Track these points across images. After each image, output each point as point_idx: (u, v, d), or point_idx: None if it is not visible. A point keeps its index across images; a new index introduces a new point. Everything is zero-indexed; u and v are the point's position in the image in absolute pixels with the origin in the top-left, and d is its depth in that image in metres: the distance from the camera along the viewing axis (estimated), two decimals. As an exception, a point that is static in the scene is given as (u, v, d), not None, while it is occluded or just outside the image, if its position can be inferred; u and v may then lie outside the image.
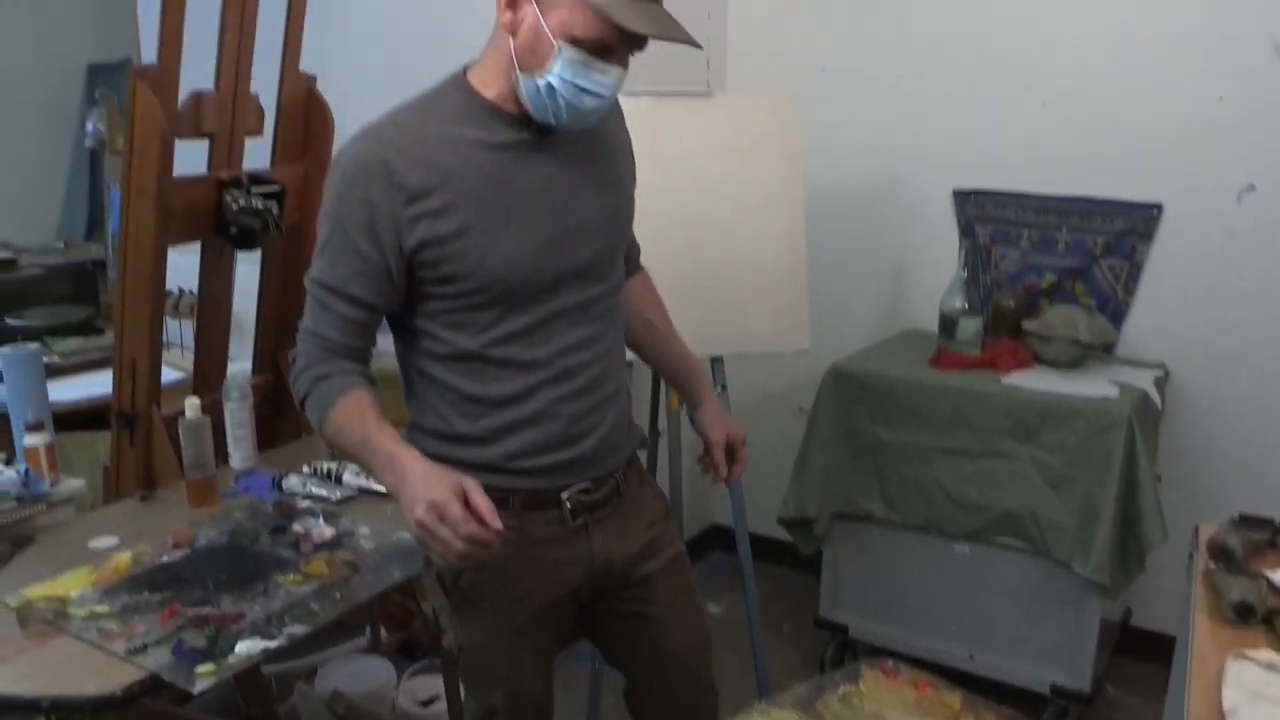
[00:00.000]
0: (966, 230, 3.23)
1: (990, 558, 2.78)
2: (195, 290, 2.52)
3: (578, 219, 1.56)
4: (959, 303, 2.93)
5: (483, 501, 1.35)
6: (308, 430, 2.54)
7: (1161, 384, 2.92)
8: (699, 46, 1.43)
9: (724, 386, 2.64)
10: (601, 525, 1.67)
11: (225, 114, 2.31)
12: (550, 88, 1.43)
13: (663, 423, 2.72)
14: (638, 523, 1.73)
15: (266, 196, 2.32)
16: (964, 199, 3.24)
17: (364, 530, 1.96)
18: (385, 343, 3.02)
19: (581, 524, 1.64)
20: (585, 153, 1.59)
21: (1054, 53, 3.06)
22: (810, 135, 2.88)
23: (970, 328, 2.93)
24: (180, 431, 2.07)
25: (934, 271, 3.19)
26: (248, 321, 2.68)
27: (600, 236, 1.59)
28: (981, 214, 3.22)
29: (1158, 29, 2.93)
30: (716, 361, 2.63)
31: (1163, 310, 3.05)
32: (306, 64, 2.53)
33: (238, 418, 2.25)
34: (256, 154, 2.49)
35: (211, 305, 2.48)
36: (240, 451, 2.26)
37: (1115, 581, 2.60)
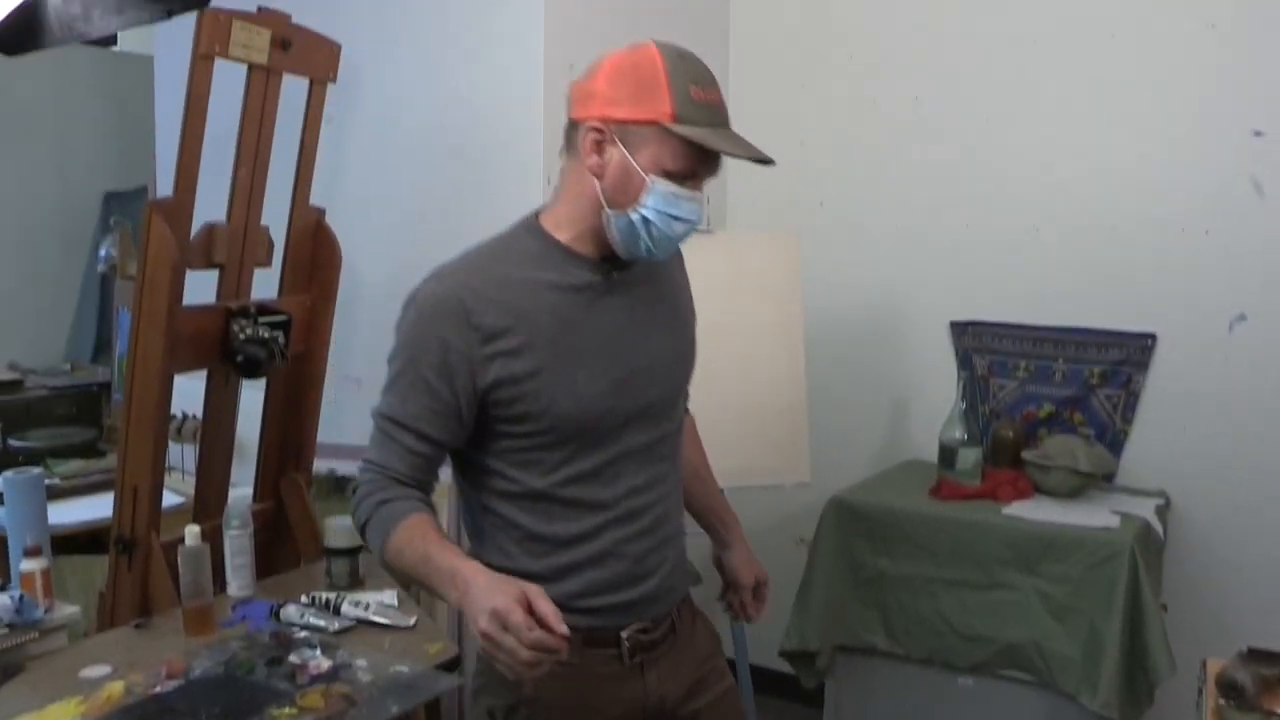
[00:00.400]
0: (964, 361, 3.27)
1: (995, 691, 2.74)
2: (199, 415, 2.54)
3: (646, 360, 1.59)
4: (958, 433, 2.95)
5: (547, 607, 1.32)
6: (307, 559, 2.54)
7: (1163, 513, 2.92)
8: (772, 162, 1.49)
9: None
10: (656, 664, 1.66)
11: (236, 245, 2.37)
12: (645, 220, 1.48)
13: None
14: (690, 660, 1.72)
15: (273, 326, 2.36)
16: (961, 330, 3.28)
17: (361, 663, 1.94)
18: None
19: (638, 663, 1.63)
20: (652, 295, 1.64)
21: (1047, 188, 3.14)
22: (810, 268, 2.96)
23: (970, 458, 2.94)
24: (179, 558, 2.07)
25: (933, 402, 3.22)
26: (250, 447, 2.69)
27: (666, 378, 1.63)
28: (979, 345, 3.26)
29: (1145, 166, 3.02)
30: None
31: (1161, 439, 3.06)
32: (316, 197, 2.60)
33: (237, 545, 2.24)
34: (264, 282, 2.54)
35: (215, 432, 2.49)
36: (239, 580, 2.25)
37: (1124, 716, 2.55)
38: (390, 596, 2.22)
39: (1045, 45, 3.13)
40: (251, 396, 2.63)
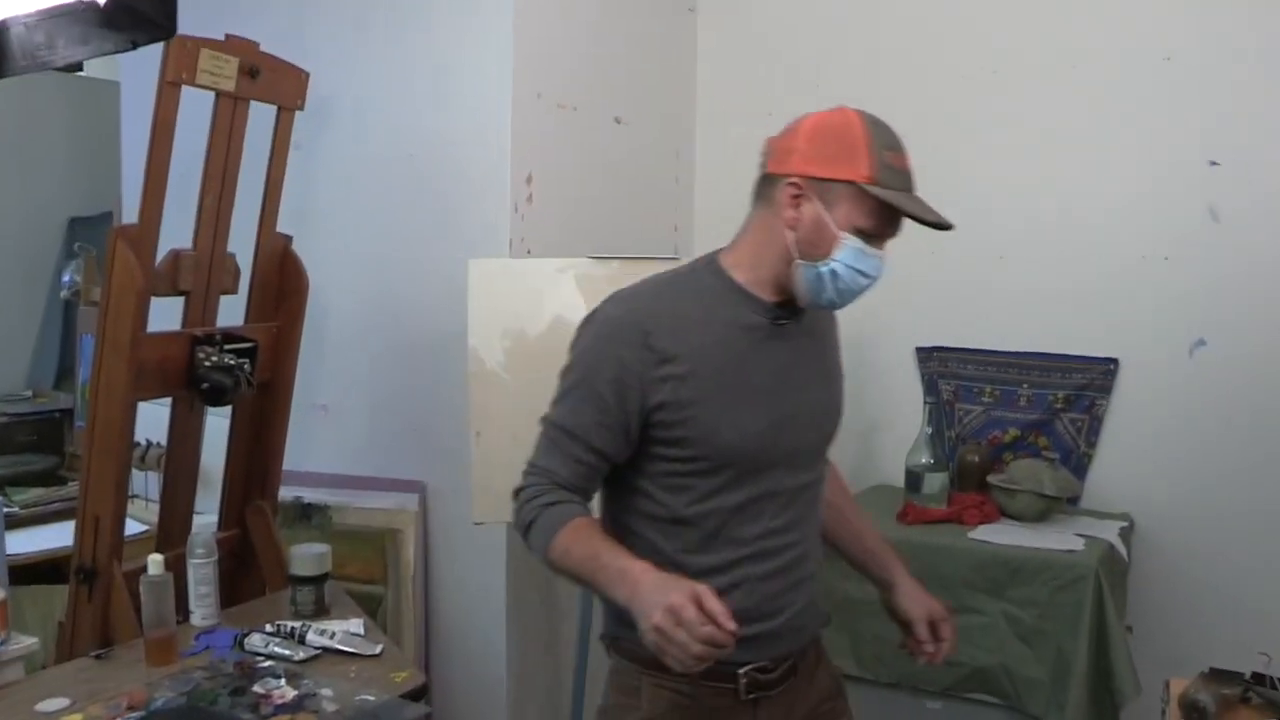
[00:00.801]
0: (930, 386, 3.29)
1: (964, 714, 2.74)
2: (163, 443, 2.52)
3: (802, 406, 1.67)
4: (924, 458, 2.97)
5: (717, 605, 1.36)
6: (272, 587, 2.51)
7: (1127, 535, 2.94)
8: (950, 227, 1.59)
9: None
10: (771, 701, 1.68)
11: (202, 272, 2.36)
12: (834, 273, 1.57)
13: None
14: (806, 702, 1.74)
15: (239, 353, 2.35)
16: (927, 356, 3.31)
17: (327, 691, 1.92)
18: (367, 500, 3.01)
19: (753, 699, 1.66)
20: (811, 347, 1.73)
21: (1011, 215, 3.18)
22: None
23: (936, 482, 2.96)
24: (141, 588, 2.04)
25: (899, 427, 3.24)
26: (215, 475, 2.67)
27: (817, 426, 1.71)
28: (944, 370, 3.29)
29: (1106, 194, 3.07)
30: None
31: (1124, 462, 3.10)
32: (284, 224, 2.60)
33: (201, 574, 2.22)
34: (231, 309, 2.53)
35: (179, 459, 2.47)
36: (202, 609, 2.22)
37: (1092, 739, 2.57)
38: (356, 625, 2.20)
39: (1007, 76, 3.18)
40: (217, 424, 2.61)
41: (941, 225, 1.58)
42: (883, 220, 1.56)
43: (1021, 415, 3.18)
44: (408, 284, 3.00)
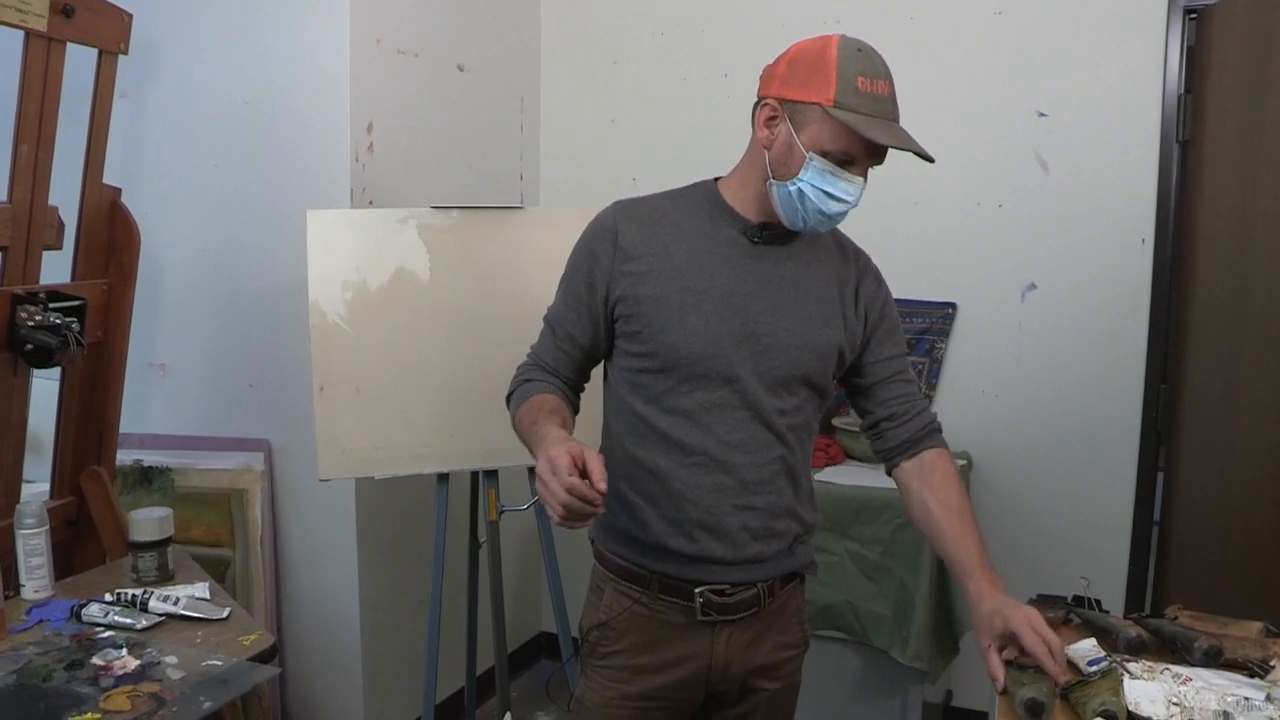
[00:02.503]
0: (778, 331, 3.36)
1: (813, 650, 2.77)
2: (-14, 409, 2.38)
3: (768, 329, 1.66)
4: (773, 402, 3.03)
5: (595, 465, 1.42)
6: (112, 555, 2.42)
7: (965, 473, 3.08)
8: (931, 160, 1.60)
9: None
10: (731, 627, 1.72)
11: (20, 226, 2.22)
12: (800, 192, 1.60)
13: (483, 532, 2.70)
14: (771, 642, 1.78)
15: (67, 312, 2.23)
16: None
17: (171, 659, 1.86)
18: (210, 460, 2.91)
19: (710, 621, 1.70)
20: (798, 277, 1.71)
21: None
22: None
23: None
24: (-35, 562, 1.94)
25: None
26: (46, 441, 2.54)
27: (786, 356, 1.67)
28: (792, 316, 3.35)
29: (943, 144, 3.14)
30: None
31: (963, 402, 3.24)
32: (112, 175, 2.47)
33: (31, 545, 2.11)
34: (57, 266, 2.40)
35: (2, 426, 2.34)
36: (35, 581, 2.12)
37: (933, 667, 2.69)
38: (202, 589, 2.14)
39: (848, 27, 3.20)
40: (46, 386, 2.48)
41: (917, 154, 1.59)
42: (850, 144, 1.57)
43: (865, 359, 3.28)
44: (246, 236, 2.90)
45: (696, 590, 1.69)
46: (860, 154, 1.59)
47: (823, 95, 1.55)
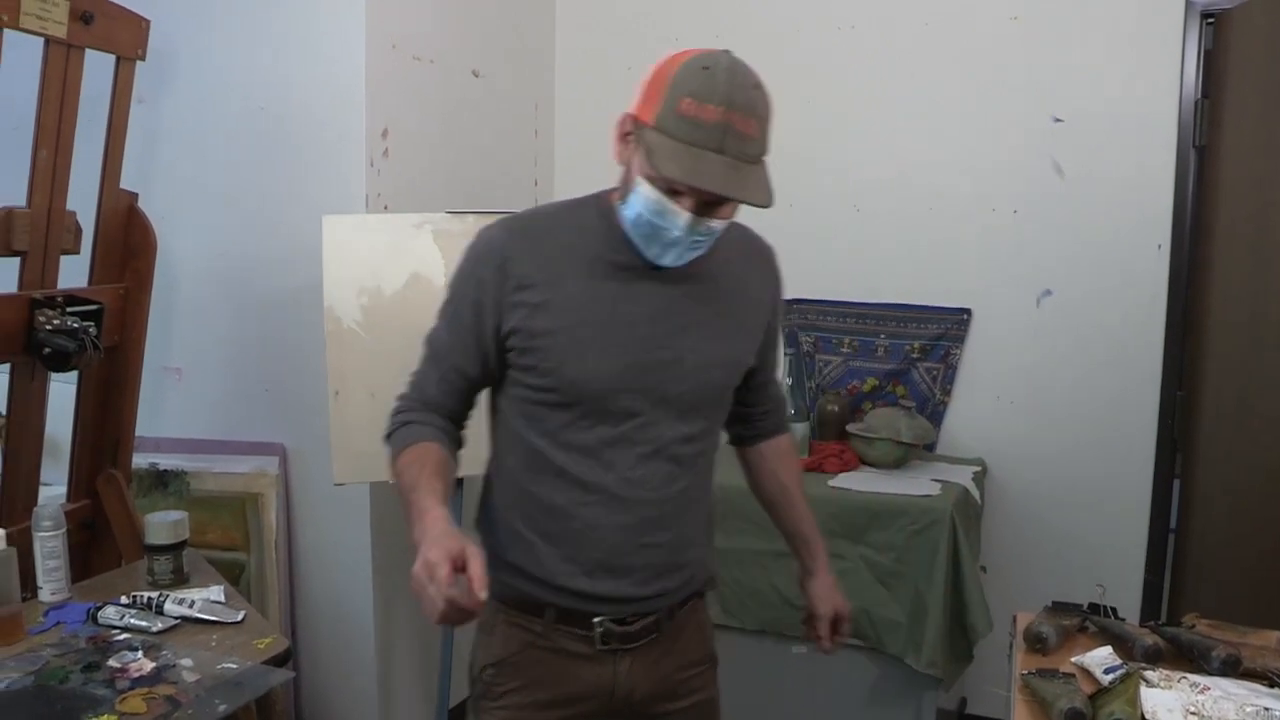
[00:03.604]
0: (790, 339, 3.36)
1: (827, 657, 2.80)
2: (3, 412, 2.40)
3: (673, 355, 1.56)
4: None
5: (476, 571, 1.33)
6: (128, 558, 2.43)
7: (980, 479, 3.07)
8: (762, 205, 1.41)
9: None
10: (632, 654, 1.63)
11: (39, 231, 2.24)
12: (630, 220, 1.49)
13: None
14: (672, 661, 1.69)
15: (84, 316, 2.24)
16: (786, 308, 3.37)
17: (186, 661, 1.87)
18: (225, 464, 2.92)
19: (610, 649, 1.62)
20: (704, 295, 1.59)
21: (867, 169, 3.26)
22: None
23: (797, 432, 3.02)
24: (-18, 564, 1.95)
25: (762, 378, 3.29)
26: (63, 444, 2.55)
27: (696, 379, 1.58)
28: (804, 322, 3.35)
29: (958, 149, 3.17)
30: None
31: (977, 408, 3.23)
32: (129, 181, 2.48)
33: (49, 548, 2.12)
34: (75, 270, 2.41)
35: (21, 429, 2.35)
36: (52, 584, 2.13)
37: (948, 674, 2.68)
38: (217, 592, 2.15)
39: (864, 32, 3.24)
40: (63, 390, 2.49)
41: (732, 197, 1.41)
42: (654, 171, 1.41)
43: (879, 365, 3.28)
44: (261, 242, 2.91)
45: (596, 620, 1.59)
46: (681, 186, 1.40)
47: (650, 115, 1.41)
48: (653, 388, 1.55)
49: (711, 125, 1.37)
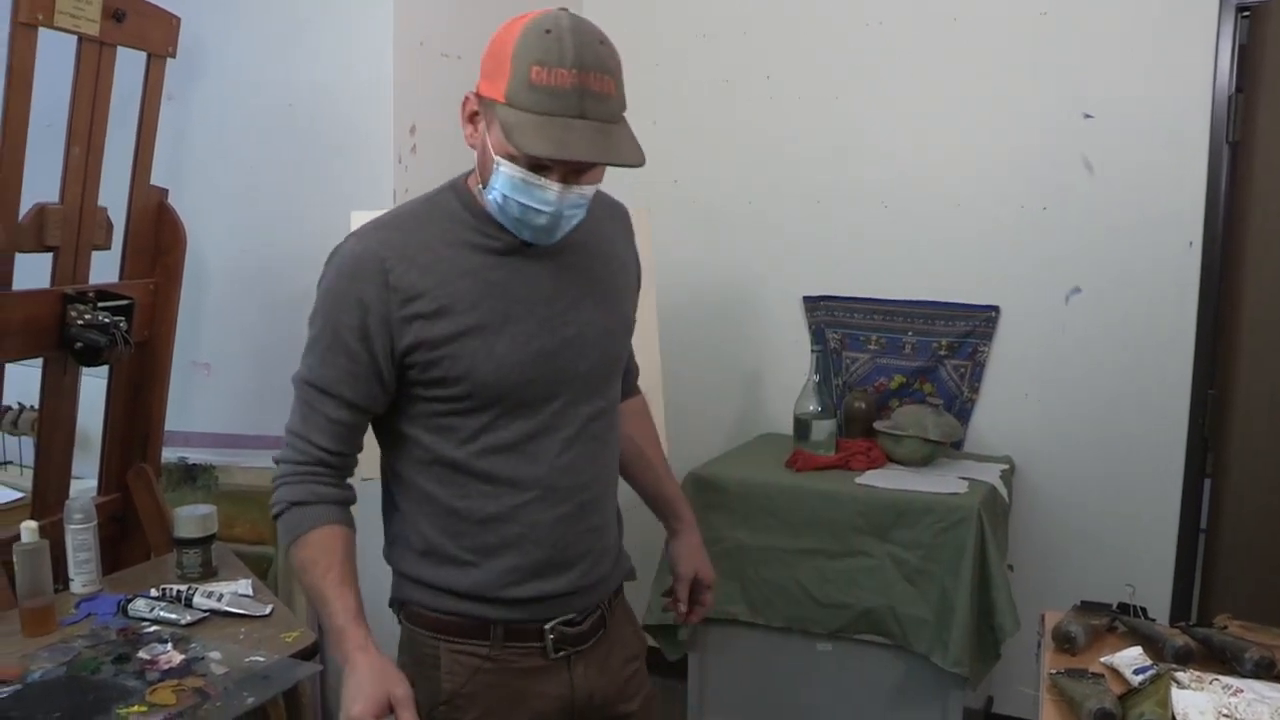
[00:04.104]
0: (817, 335, 3.35)
1: (853, 655, 2.83)
2: (36, 406, 2.42)
3: (575, 330, 1.51)
4: (812, 406, 3.02)
5: (407, 717, 1.33)
6: (157, 551, 2.45)
7: (1008, 477, 3.05)
8: (634, 164, 1.35)
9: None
10: (584, 657, 1.59)
11: (70, 227, 2.26)
12: (498, 203, 1.41)
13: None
14: (619, 657, 1.65)
15: (114, 311, 2.26)
16: (814, 305, 3.36)
17: (215, 654, 1.89)
18: (253, 459, 2.94)
19: (564, 656, 1.56)
20: (583, 264, 1.54)
21: (895, 166, 3.24)
22: (663, 246, 2.99)
23: (824, 429, 3.02)
24: (15, 556, 1.97)
25: (787, 376, 3.29)
26: (94, 438, 2.58)
27: (597, 351, 1.54)
28: (831, 319, 3.34)
29: (987, 145, 3.15)
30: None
31: (1005, 406, 3.20)
32: (159, 177, 2.50)
33: (80, 540, 2.15)
34: (105, 266, 2.44)
35: (53, 422, 2.38)
36: (83, 576, 2.15)
37: (974, 673, 2.66)
38: (245, 586, 2.16)
39: (891, 28, 3.22)
40: (94, 384, 2.52)
41: (602, 161, 1.35)
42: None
43: (906, 362, 3.26)
44: (290, 238, 2.92)
45: (546, 627, 1.54)
46: (549, 160, 1.34)
47: (498, 90, 1.32)
48: (563, 368, 1.50)
49: (567, 91, 1.30)
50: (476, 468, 1.48)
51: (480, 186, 1.45)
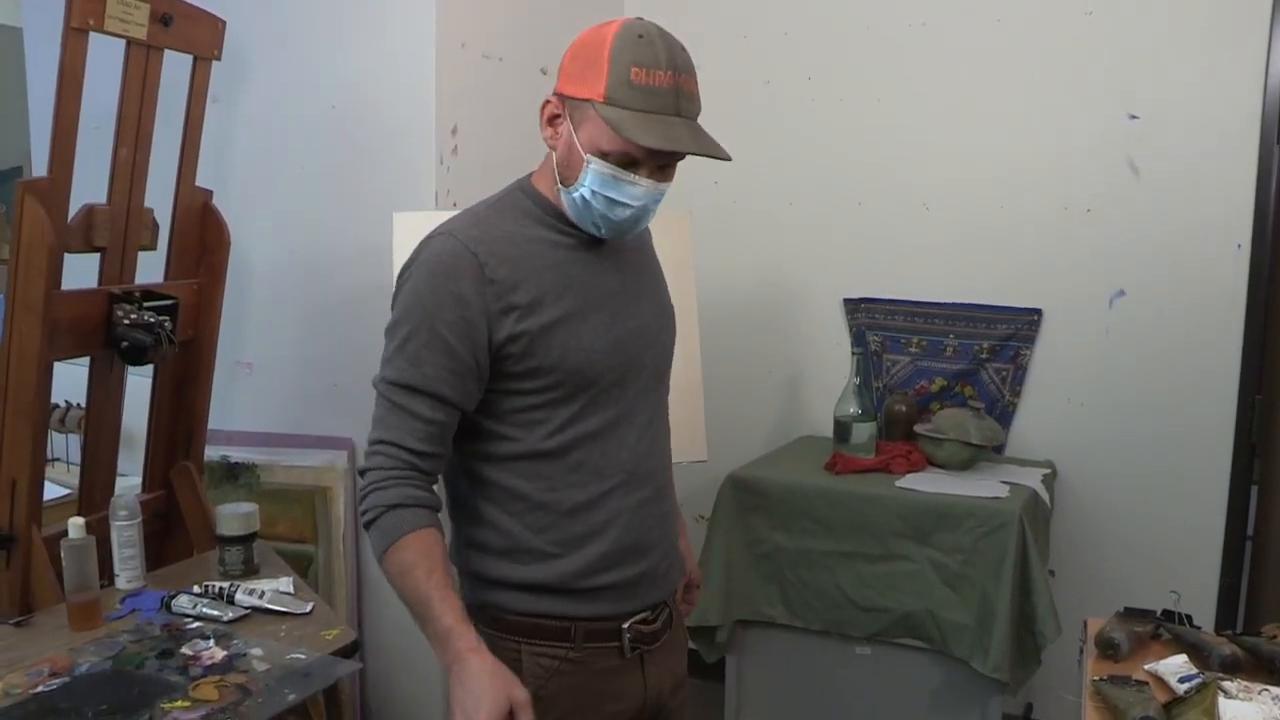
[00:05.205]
0: (858, 338, 3.33)
1: (892, 659, 2.81)
2: (83, 404, 2.46)
3: (639, 321, 1.59)
4: (852, 408, 3.00)
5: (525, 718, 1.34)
6: (200, 548, 2.48)
7: (1050, 482, 3.02)
8: (726, 158, 1.45)
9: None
10: (654, 657, 1.65)
11: (118, 227, 2.29)
12: (584, 200, 1.47)
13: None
14: (677, 656, 1.73)
15: (160, 310, 2.29)
16: (854, 307, 3.34)
17: (257, 651, 1.90)
18: (294, 458, 2.97)
19: (638, 655, 1.62)
20: (637, 260, 1.65)
21: (936, 167, 3.22)
22: (703, 248, 2.98)
23: (864, 432, 3.00)
24: (62, 552, 2.00)
25: (827, 378, 3.28)
26: (138, 436, 2.61)
27: (657, 343, 1.63)
28: (872, 322, 3.32)
29: (1030, 147, 3.12)
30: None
31: (1047, 410, 3.17)
32: (204, 179, 2.53)
33: (125, 537, 2.18)
34: (151, 266, 2.47)
35: (99, 420, 2.41)
36: (128, 572, 2.19)
37: (1014, 679, 2.64)
38: (286, 584, 2.18)
39: (935, 29, 3.20)
40: (139, 383, 2.55)
41: (701, 153, 1.43)
42: (628, 147, 1.41)
43: (948, 365, 3.23)
44: (332, 238, 2.95)
45: (624, 626, 1.59)
46: (643, 155, 1.43)
47: (594, 90, 1.41)
48: (635, 357, 1.57)
49: (665, 90, 1.40)
50: (568, 457, 1.53)
51: (559, 187, 1.51)
